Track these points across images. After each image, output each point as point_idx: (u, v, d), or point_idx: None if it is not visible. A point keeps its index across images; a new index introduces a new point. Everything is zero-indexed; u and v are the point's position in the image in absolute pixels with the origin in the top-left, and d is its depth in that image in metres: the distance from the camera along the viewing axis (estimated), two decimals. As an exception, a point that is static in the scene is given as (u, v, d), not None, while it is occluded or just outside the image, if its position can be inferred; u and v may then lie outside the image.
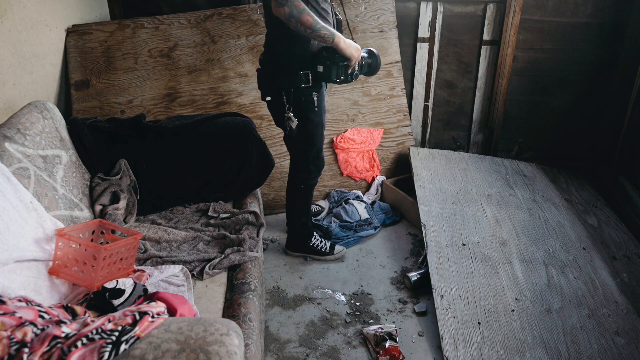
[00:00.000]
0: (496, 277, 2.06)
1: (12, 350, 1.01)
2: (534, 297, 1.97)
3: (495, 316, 1.88)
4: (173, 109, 2.75)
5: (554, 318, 1.88)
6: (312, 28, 1.79)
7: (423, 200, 2.46)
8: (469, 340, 1.78)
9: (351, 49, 1.90)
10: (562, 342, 1.78)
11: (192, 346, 1.05)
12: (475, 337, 1.79)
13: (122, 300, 1.35)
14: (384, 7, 2.92)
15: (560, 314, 1.90)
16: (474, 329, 1.82)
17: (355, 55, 1.92)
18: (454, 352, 1.73)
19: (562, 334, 1.81)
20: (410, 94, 3.19)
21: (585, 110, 3.17)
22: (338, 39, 1.86)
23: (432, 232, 2.25)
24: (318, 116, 2.07)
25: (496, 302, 1.94)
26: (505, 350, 1.74)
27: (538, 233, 2.34)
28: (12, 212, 1.37)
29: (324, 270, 2.35)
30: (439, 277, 2.03)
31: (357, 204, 2.73)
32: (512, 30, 2.95)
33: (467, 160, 2.89)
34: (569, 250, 2.25)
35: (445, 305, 1.91)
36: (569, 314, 1.91)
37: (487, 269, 2.10)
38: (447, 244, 2.21)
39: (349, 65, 1.94)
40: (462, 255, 2.15)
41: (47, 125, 1.79)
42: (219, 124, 2.14)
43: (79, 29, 2.67)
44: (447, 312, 1.88)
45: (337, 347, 1.90)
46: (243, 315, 1.50)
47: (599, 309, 1.94)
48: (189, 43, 2.76)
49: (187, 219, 2.03)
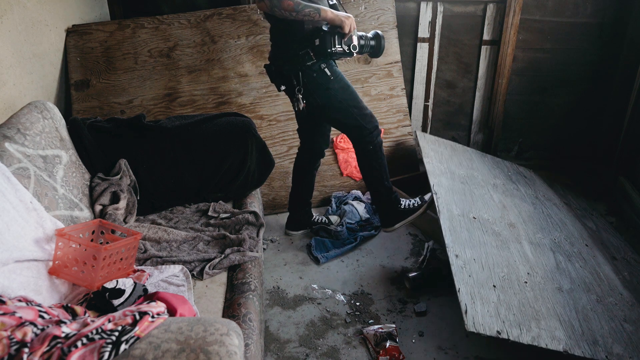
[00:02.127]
0: (507, 251, 1.99)
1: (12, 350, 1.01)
2: (544, 275, 1.92)
3: (510, 284, 1.81)
4: (173, 109, 2.75)
5: (565, 297, 1.84)
6: (295, 10, 1.88)
7: (432, 173, 2.35)
8: (486, 299, 1.69)
9: (340, 17, 1.97)
10: (574, 319, 1.74)
11: (192, 346, 1.05)
12: (492, 297, 1.70)
13: (122, 300, 1.35)
14: (384, 7, 2.92)
15: (571, 295, 1.86)
16: (490, 290, 1.73)
17: (345, 22, 1.97)
18: (472, 306, 1.63)
19: (574, 312, 1.77)
20: (410, 94, 3.19)
21: (585, 110, 3.16)
22: (324, 12, 1.93)
23: (443, 201, 2.16)
24: (338, 82, 2.09)
25: (509, 272, 1.86)
26: (522, 315, 1.67)
27: (543, 224, 2.31)
28: (12, 212, 1.37)
29: (324, 270, 2.34)
30: (452, 239, 1.93)
31: (356, 204, 2.73)
32: (512, 30, 2.95)
33: (471, 153, 2.85)
34: (573, 244, 2.23)
35: (460, 264, 1.81)
36: (579, 296, 1.87)
37: (498, 242, 2.01)
38: (458, 214, 2.13)
39: (344, 34, 1.98)
40: (473, 227, 2.07)
41: (47, 125, 1.79)
42: (219, 124, 2.13)
43: (79, 29, 2.67)
44: (463, 270, 1.79)
45: (337, 347, 1.90)
46: (243, 315, 1.50)
47: (606, 297, 1.91)
48: (189, 43, 2.76)
49: (187, 219, 2.03)
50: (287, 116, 2.82)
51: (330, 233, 2.53)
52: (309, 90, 2.07)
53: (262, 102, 2.83)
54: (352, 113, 2.13)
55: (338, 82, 2.10)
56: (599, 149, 3.17)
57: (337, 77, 2.10)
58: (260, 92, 2.82)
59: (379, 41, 2.10)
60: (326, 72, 2.06)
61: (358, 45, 2.05)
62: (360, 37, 2.08)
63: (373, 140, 2.18)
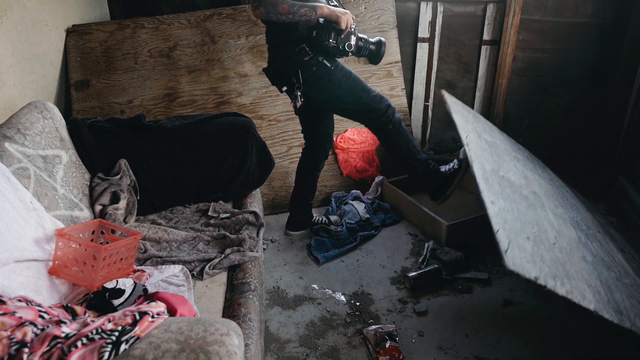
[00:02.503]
0: (535, 213, 1.93)
1: (12, 350, 1.01)
2: (570, 243, 1.90)
3: (541, 241, 1.76)
4: (173, 109, 2.75)
5: (589, 267, 1.82)
6: (290, 12, 1.88)
7: (463, 127, 2.12)
8: (521, 246, 1.61)
9: (337, 12, 1.96)
10: (600, 287, 1.73)
11: (192, 346, 1.05)
12: (527, 246, 1.64)
13: (122, 300, 1.35)
14: (384, 7, 2.92)
15: (595, 266, 1.85)
16: (524, 240, 1.67)
17: (342, 17, 1.96)
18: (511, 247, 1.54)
19: (599, 281, 1.76)
20: (410, 94, 3.19)
21: (585, 110, 3.16)
22: (320, 8, 1.93)
23: (474, 153, 1.98)
24: (339, 71, 2.08)
25: (539, 231, 1.81)
26: (555, 269, 1.63)
27: (562, 202, 2.30)
28: (12, 212, 1.37)
29: (324, 270, 2.34)
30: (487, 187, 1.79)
31: (356, 204, 2.73)
32: (512, 30, 2.95)
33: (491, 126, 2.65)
34: (589, 227, 2.21)
35: (496, 210, 1.69)
36: (601, 270, 1.86)
37: (527, 204, 1.93)
38: (489, 169, 1.99)
39: (341, 30, 1.98)
40: (503, 183, 1.97)
41: (47, 125, 1.79)
42: (219, 124, 2.14)
43: (79, 29, 2.67)
44: (498, 215, 1.68)
45: (337, 347, 1.90)
46: (243, 315, 1.50)
47: (623, 278, 1.91)
48: (189, 43, 2.76)
49: (187, 219, 2.03)
50: (287, 116, 2.82)
51: (330, 233, 2.53)
52: (312, 85, 2.06)
53: (262, 102, 2.83)
54: (361, 98, 2.10)
55: (339, 70, 2.08)
56: (599, 149, 3.17)
57: (337, 66, 2.09)
58: (260, 92, 2.82)
59: (379, 47, 2.08)
60: (325, 63, 2.04)
61: (355, 45, 2.04)
62: (360, 39, 2.07)
63: (390, 119, 2.12)
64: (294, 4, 1.89)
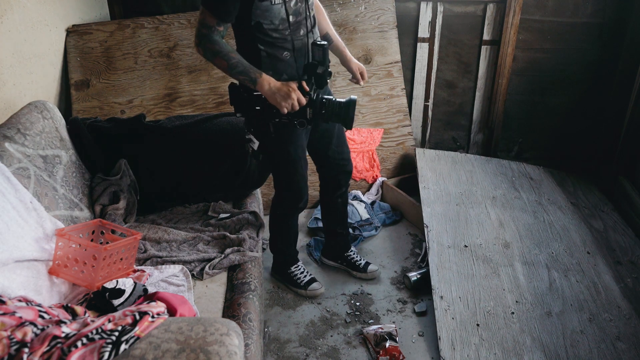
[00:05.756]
0: (497, 279, 2.05)
1: (12, 350, 1.01)
2: (534, 300, 1.97)
3: (495, 318, 1.88)
4: (173, 109, 2.75)
5: (554, 322, 1.88)
6: (228, 72, 1.60)
7: (427, 201, 2.45)
8: (467, 341, 1.78)
9: (277, 96, 1.57)
10: (561, 346, 1.77)
11: (192, 346, 1.05)
12: (474, 338, 1.79)
13: (122, 300, 1.35)
14: (384, 7, 2.92)
15: (561, 318, 1.90)
16: (473, 330, 1.82)
17: (282, 104, 1.57)
18: (451, 353, 1.73)
19: (562, 338, 1.81)
20: (410, 94, 3.19)
21: (585, 110, 3.16)
22: (260, 85, 1.58)
23: (434, 233, 2.25)
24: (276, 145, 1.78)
25: (496, 305, 1.93)
26: (503, 352, 1.74)
27: (542, 236, 2.33)
28: (12, 212, 1.37)
29: (324, 270, 2.34)
30: (439, 278, 2.03)
31: (356, 204, 2.73)
32: (512, 30, 2.95)
33: (474, 162, 2.87)
34: (573, 254, 2.24)
35: (445, 306, 1.91)
36: (570, 318, 1.90)
37: (489, 271, 2.09)
38: (449, 245, 2.20)
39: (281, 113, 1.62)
40: (463, 257, 2.15)
41: (47, 125, 1.79)
42: (219, 123, 2.13)
43: (79, 29, 2.67)
44: (446, 313, 1.88)
45: (337, 347, 1.90)
46: (243, 315, 1.50)
47: (601, 313, 1.93)
48: (189, 43, 2.76)
49: (187, 219, 2.03)
50: (287, 116, 2.82)
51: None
52: None
53: (262, 102, 2.82)
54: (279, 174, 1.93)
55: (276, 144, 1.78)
56: (599, 149, 3.17)
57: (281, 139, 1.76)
58: (260, 92, 2.82)
59: (347, 110, 1.64)
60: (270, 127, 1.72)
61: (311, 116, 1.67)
62: (323, 104, 1.65)
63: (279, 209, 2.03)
64: (235, 66, 1.58)
